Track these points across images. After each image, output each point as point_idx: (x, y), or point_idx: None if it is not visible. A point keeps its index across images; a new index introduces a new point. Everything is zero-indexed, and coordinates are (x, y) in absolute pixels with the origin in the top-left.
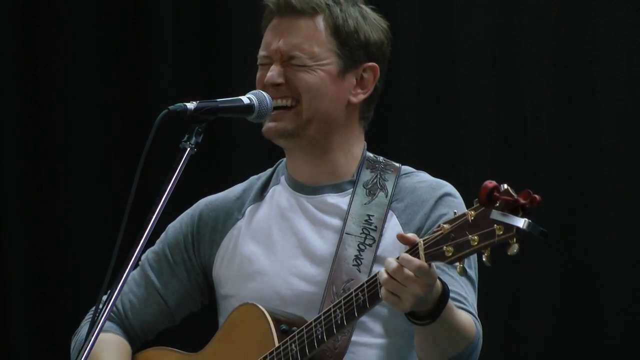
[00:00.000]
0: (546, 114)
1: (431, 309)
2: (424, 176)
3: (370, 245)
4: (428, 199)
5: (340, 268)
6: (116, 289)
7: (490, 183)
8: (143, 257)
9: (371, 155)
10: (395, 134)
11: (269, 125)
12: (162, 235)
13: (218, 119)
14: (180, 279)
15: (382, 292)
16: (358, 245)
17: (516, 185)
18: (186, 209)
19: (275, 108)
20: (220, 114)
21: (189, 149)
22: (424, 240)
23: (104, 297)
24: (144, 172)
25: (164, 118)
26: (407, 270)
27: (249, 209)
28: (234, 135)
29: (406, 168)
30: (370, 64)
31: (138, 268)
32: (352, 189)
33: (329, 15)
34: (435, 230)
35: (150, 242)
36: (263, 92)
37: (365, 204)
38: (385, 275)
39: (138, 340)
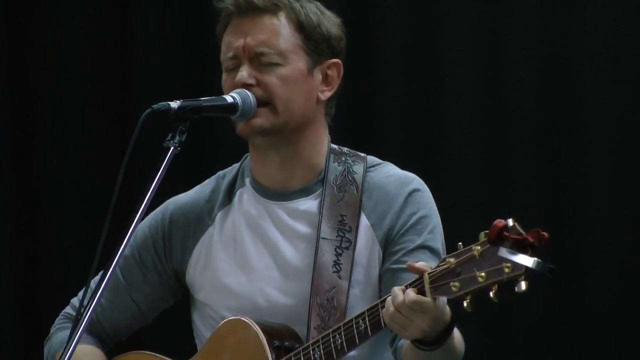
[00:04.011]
0: (531, 113)
1: (438, 336)
2: (392, 169)
3: (347, 249)
4: (397, 197)
5: (320, 277)
6: (99, 289)
7: (500, 222)
8: None
9: (335, 147)
10: (381, 134)
11: (244, 123)
12: (132, 238)
13: (202, 118)
14: (152, 282)
15: (387, 320)
16: (335, 250)
17: (502, 187)
18: None
19: None
20: (204, 113)
21: (172, 148)
22: (429, 274)
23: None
24: (128, 171)
25: (148, 117)
26: (411, 305)
27: (218, 215)
28: (218, 133)
29: (372, 159)
30: (334, 60)
31: None
32: (321, 189)
33: (291, 11)
34: (440, 264)
35: None
36: (246, 91)
37: (337, 202)
38: (391, 309)
39: (110, 342)
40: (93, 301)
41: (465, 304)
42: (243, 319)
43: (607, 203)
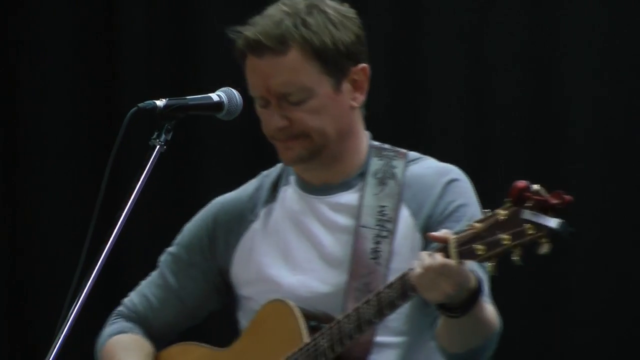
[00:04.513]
0: (516, 111)
1: (462, 303)
2: (431, 162)
3: (386, 237)
4: (435, 185)
5: (359, 262)
6: (85, 287)
7: (521, 183)
8: (162, 259)
9: (376, 143)
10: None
11: (283, 154)
12: (178, 237)
13: (188, 117)
14: (197, 280)
15: (414, 281)
16: (374, 238)
17: (488, 183)
18: (157, 206)
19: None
20: (190, 112)
21: (158, 146)
22: (455, 238)
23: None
24: (114, 169)
25: (134, 115)
26: (438, 269)
27: (262, 211)
28: (204, 132)
29: (413, 154)
30: (359, 67)
31: (157, 271)
32: (362, 183)
33: (302, 41)
34: (466, 228)
35: (133, 242)
36: (232, 90)
37: (376, 194)
38: (418, 271)
39: (161, 340)
40: (78, 301)
41: (489, 268)
42: (281, 300)
43: (593, 202)
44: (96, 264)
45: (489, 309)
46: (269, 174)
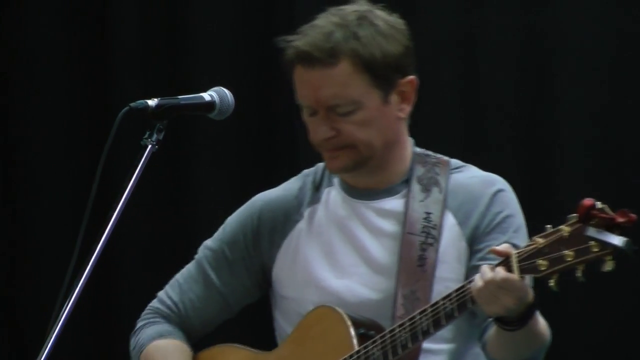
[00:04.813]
0: (509, 114)
1: (520, 317)
2: (475, 171)
3: (432, 245)
4: (482, 196)
5: (405, 270)
6: (77, 287)
7: (588, 201)
8: (200, 253)
9: (419, 150)
10: None
11: (329, 162)
12: (219, 233)
13: (179, 116)
14: (239, 277)
15: (474, 294)
16: (420, 245)
17: None
18: (150, 205)
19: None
20: (182, 111)
21: (150, 146)
22: (517, 253)
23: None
24: (106, 169)
25: (126, 115)
26: (500, 283)
27: (307, 211)
28: (196, 131)
29: (455, 162)
30: (406, 79)
31: (195, 265)
32: (407, 189)
33: (352, 55)
34: (529, 243)
35: (125, 241)
36: (224, 89)
37: (421, 201)
38: (480, 284)
39: (197, 335)
40: (70, 301)
41: (552, 283)
42: (330, 306)
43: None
44: (88, 264)
45: (542, 321)
46: (310, 174)
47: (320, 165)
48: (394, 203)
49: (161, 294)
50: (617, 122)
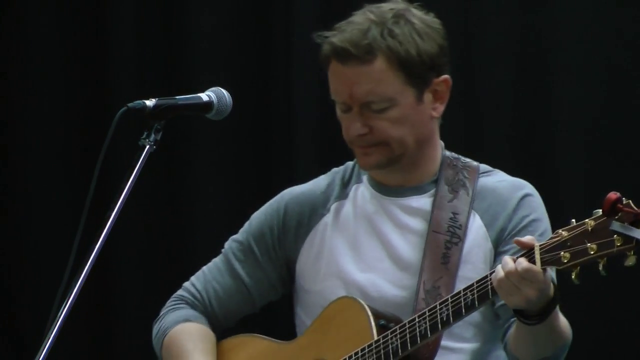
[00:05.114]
0: (507, 114)
1: (540, 310)
2: (503, 175)
3: (456, 244)
4: (510, 199)
5: (429, 266)
6: (74, 287)
7: (614, 195)
8: (226, 246)
9: (449, 153)
10: None
11: (361, 159)
12: (246, 226)
13: (177, 117)
14: (264, 270)
15: (495, 285)
16: (445, 244)
17: None
18: (147, 206)
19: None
20: (180, 112)
21: (148, 146)
22: (540, 245)
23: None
24: (103, 169)
25: (123, 115)
26: (522, 274)
27: (334, 205)
28: (194, 131)
29: (484, 166)
30: (441, 78)
31: (221, 257)
32: (434, 189)
33: (388, 52)
34: (552, 236)
35: (122, 241)
36: (222, 90)
37: (449, 201)
38: (501, 274)
39: (220, 327)
40: (68, 300)
41: (573, 276)
42: (351, 297)
43: (581, 201)
44: (86, 264)
45: (563, 319)
46: (339, 171)
47: (350, 163)
48: (422, 201)
49: (186, 283)
50: (616, 122)
